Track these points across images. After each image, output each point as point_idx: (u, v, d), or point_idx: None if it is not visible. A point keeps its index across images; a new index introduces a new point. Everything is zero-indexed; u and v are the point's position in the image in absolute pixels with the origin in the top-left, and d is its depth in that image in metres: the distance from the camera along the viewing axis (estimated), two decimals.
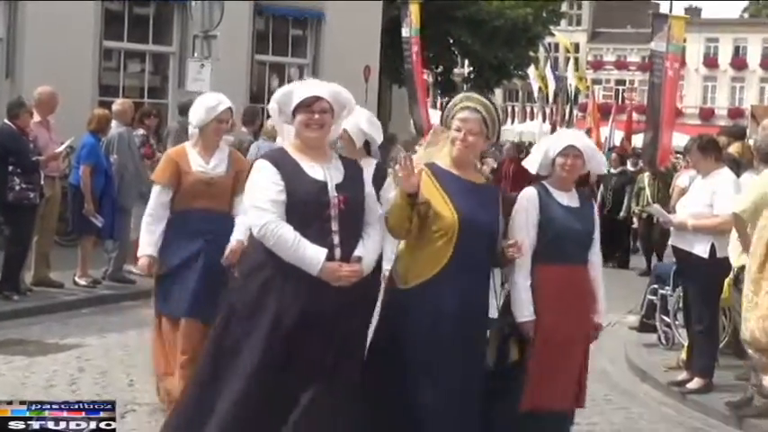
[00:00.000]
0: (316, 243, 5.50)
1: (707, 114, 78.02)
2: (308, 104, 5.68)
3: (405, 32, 22.92)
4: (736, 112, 73.06)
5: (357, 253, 5.64)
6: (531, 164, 6.53)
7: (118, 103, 13.94)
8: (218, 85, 16.82)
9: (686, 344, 10.24)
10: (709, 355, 9.62)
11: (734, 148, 10.82)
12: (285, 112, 5.76)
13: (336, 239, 5.59)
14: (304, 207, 5.55)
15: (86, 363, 9.62)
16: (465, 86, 39.29)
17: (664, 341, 11.45)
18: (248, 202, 5.70)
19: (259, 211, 5.54)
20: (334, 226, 5.59)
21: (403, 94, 33.01)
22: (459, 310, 5.84)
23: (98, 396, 8.43)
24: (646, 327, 11.77)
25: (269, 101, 5.89)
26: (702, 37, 78.85)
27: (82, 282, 12.95)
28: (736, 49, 79.67)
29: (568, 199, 6.45)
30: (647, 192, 18.16)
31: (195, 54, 17.11)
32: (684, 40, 19.62)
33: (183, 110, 14.77)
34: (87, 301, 12.50)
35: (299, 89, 5.77)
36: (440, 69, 33.76)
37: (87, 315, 11.97)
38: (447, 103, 6.40)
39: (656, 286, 11.56)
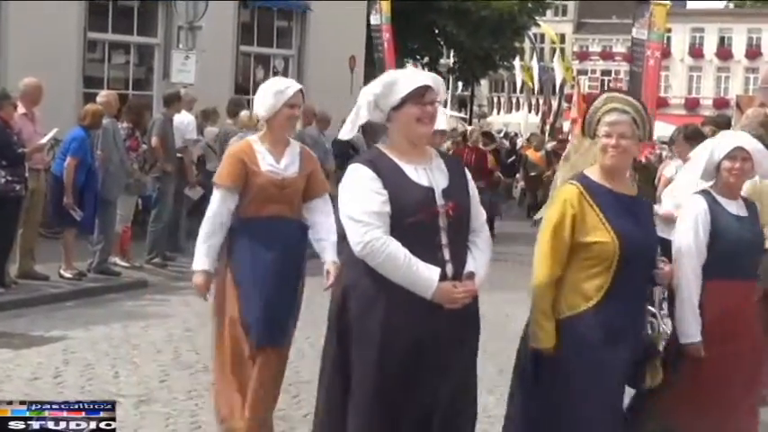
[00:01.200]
0: (424, 260, 4.84)
1: (692, 104, 78.23)
2: (420, 95, 4.99)
3: (374, 20, 22.54)
4: (721, 102, 73.21)
5: (469, 268, 5.02)
6: (694, 170, 5.99)
7: (103, 96, 13.90)
8: (204, 77, 16.89)
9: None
10: None
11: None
12: (383, 105, 5.02)
13: (447, 254, 4.94)
14: (410, 218, 4.87)
15: (72, 355, 9.59)
16: (450, 77, 39.43)
17: (650, 331, 11.42)
18: (346, 213, 4.94)
19: (361, 225, 4.85)
20: (444, 239, 4.94)
21: None
22: (613, 346, 5.27)
23: (83, 389, 8.44)
24: None
25: (254, 92, 5.70)
26: (688, 27, 79.09)
27: (67, 274, 12.91)
28: (722, 39, 79.96)
29: (737, 207, 5.93)
30: None
31: (180, 45, 17.09)
32: (669, 30, 19.68)
33: (168, 101, 14.77)
34: (72, 294, 12.47)
35: (404, 78, 5.05)
36: (425, 60, 33.75)
37: (72, 308, 11.94)
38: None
39: None
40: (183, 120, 15.16)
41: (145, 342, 10.26)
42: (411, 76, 5.05)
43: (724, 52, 79.00)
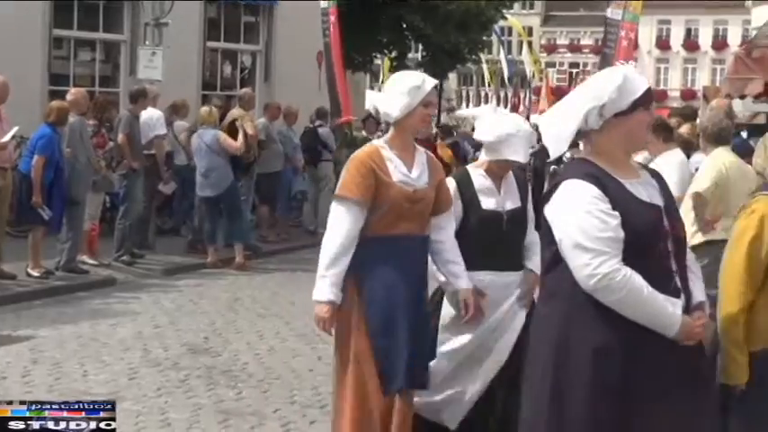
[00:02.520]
0: (659, 290, 4.16)
1: (660, 96, 78.47)
2: (650, 98, 4.36)
3: (323, 4, 21.44)
4: (688, 94, 73.65)
5: (697, 297, 4.37)
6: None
7: (72, 93, 13.80)
8: (170, 73, 16.85)
9: None
10: None
11: (685, 129, 10.91)
12: (608, 111, 4.29)
13: (678, 282, 4.29)
14: (640, 242, 4.19)
15: (40, 354, 9.54)
16: (419, 71, 39.47)
17: None
18: (571, 239, 4.17)
19: (594, 254, 4.11)
20: (673, 264, 4.29)
21: (358, 79, 33.07)
22: None
23: (51, 387, 8.40)
24: None
25: (221, 88, 5.53)
26: (654, 19, 79.44)
27: (35, 273, 12.83)
28: (689, 30, 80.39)
29: None
30: None
31: (146, 42, 17.04)
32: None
33: (135, 98, 14.72)
34: (40, 293, 12.38)
35: (632, 77, 4.33)
36: (394, 54, 33.72)
37: (40, 306, 11.87)
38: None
39: None
40: (152, 115, 15.08)
41: (113, 340, 10.22)
42: (636, 76, 4.35)
43: (691, 44, 79.52)
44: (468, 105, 71.85)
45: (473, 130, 21.47)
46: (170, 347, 9.97)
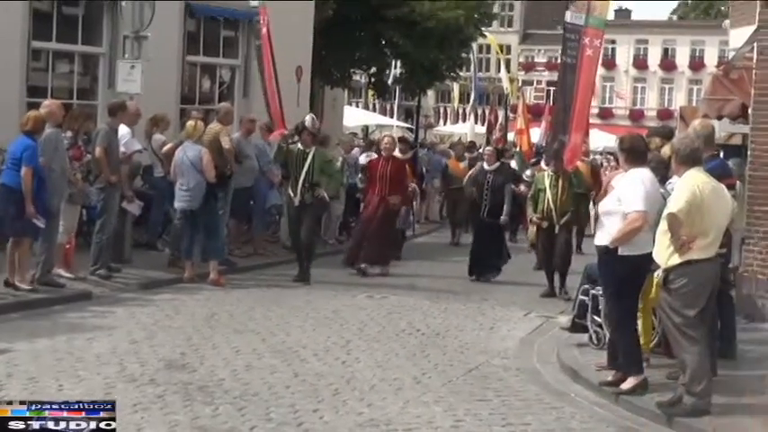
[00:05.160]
0: None
1: (637, 115, 78.92)
2: None
3: (254, 2, 19.71)
4: (665, 114, 73.86)
5: None
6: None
7: (46, 105, 13.76)
8: (149, 87, 16.75)
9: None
10: (626, 353, 9.72)
11: (667, 149, 10.93)
12: None
13: None
14: None
15: (15, 368, 9.48)
16: (397, 88, 39.49)
17: (595, 341, 11.52)
18: None
19: None
20: None
21: (336, 94, 33.05)
22: None
23: None
24: (577, 327, 11.84)
25: (200, 102, 5.55)
26: (632, 38, 79.80)
27: (24, 286, 12.78)
28: (666, 50, 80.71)
29: None
30: (548, 194, 15.77)
31: (125, 55, 16.94)
32: (606, 24, 16.04)
33: (113, 111, 14.68)
34: (15, 306, 12.32)
35: None
36: (372, 71, 33.75)
37: (16, 320, 11.82)
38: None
39: (587, 286, 11.62)
40: (121, 132, 15.00)
41: (89, 354, 10.17)
42: None
43: (668, 64, 79.77)
44: (445, 122, 71.97)
45: (451, 147, 21.35)
46: (146, 363, 9.94)
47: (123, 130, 15.13)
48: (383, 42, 31.13)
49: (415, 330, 12.54)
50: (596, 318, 11.49)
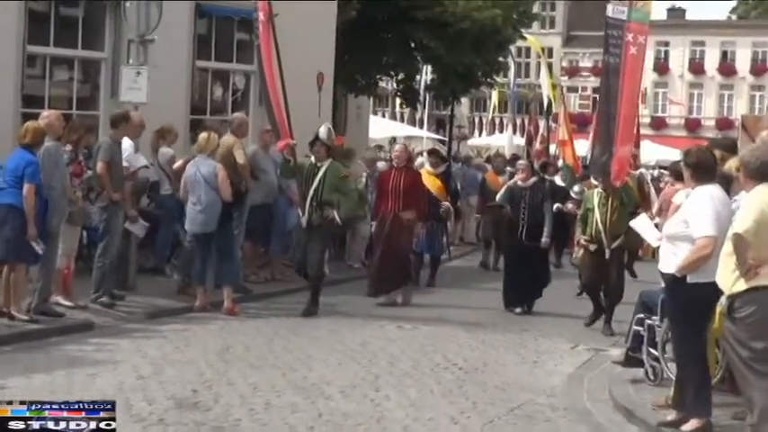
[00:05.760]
0: None
1: (693, 125, 78.67)
2: None
3: None
4: (724, 123, 73.67)
5: None
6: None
7: (44, 116, 13.83)
8: (156, 96, 16.81)
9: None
10: (693, 392, 9.64)
11: (733, 163, 10.85)
12: None
13: None
14: None
15: None
16: (427, 95, 39.53)
17: (651, 376, 11.45)
18: None
19: None
20: None
21: (360, 103, 33.08)
22: None
23: None
24: (631, 361, 11.78)
25: (212, 112, 5.54)
26: (687, 40, 79.57)
27: (22, 316, 12.82)
28: (724, 53, 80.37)
29: None
30: (597, 214, 15.56)
31: (130, 60, 17.01)
32: (647, 15, 15.40)
33: (116, 122, 14.73)
34: (10, 338, 12.36)
35: None
36: (400, 77, 33.79)
37: (10, 352, 11.85)
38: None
39: (642, 316, 11.56)
40: (124, 145, 15.04)
41: (91, 392, 10.15)
42: None
43: (727, 68, 79.48)
44: (480, 133, 72.02)
45: (488, 160, 21.18)
46: (154, 401, 9.93)
47: (127, 143, 15.18)
48: (412, 45, 31.17)
49: (451, 365, 12.53)
50: (652, 350, 11.42)
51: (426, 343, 13.81)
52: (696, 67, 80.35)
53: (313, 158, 15.89)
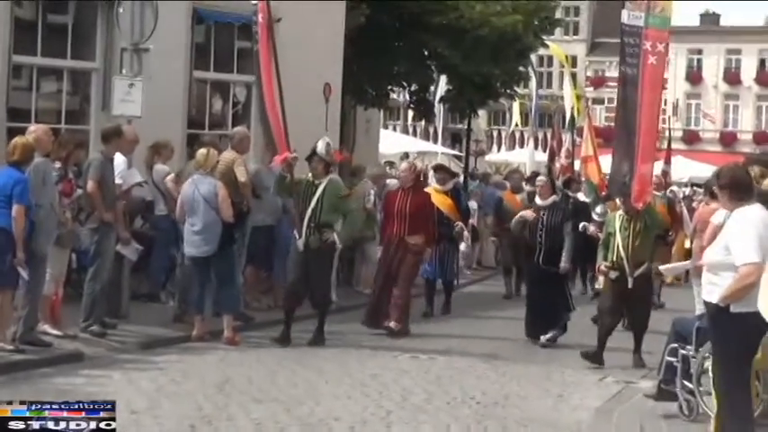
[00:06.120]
0: None
1: (728, 139, 78.64)
2: None
3: None
4: (762, 137, 73.68)
5: None
6: None
7: (32, 131, 13.85)
8: (151, 108, 16.82)
9: (714, 414, 10.26)
10: (736, 426, 9.59)
11: None
12: None
13: None
14: None
15: None
16: (442, 108, 39.54)
17: (686, 411, 11.42)
18: None
19: None
20: None
21: (370, 116, 33.08)
22: None
23: None
24: (664, 394, 11.75)
25: (210, 126, 5.55)
26: (722, 48, 79.56)
27: (4, 345, 12.83)
28: (762, 61, 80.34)
29: None
30: (618, 239, 15.27)
31: (123, 71, 17.02)
32: (669, 21, 15.25)
33: (108, 137, 14.73)
34: None
35: None
36: (414, 87, 33.80)
37: None
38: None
39: (675, 345, 11.54)
40: (116, 161, 15.05)
41: None
42: None
43: (765, 77, 79.45)
44: (499, 149, 72.10)
45: (506, 177, 21.05)
46: None
47: (119, 159, 15.20)
48: (426, 54, 31.19)
49: (469, 398, 12.49)
50: (687, 383, 11.39)
51: (442, 375, 13.80)
52: (732, 76, 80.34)
53: (310, 175, 15.71)
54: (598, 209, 19.95)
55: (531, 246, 17.11)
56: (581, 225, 18.10)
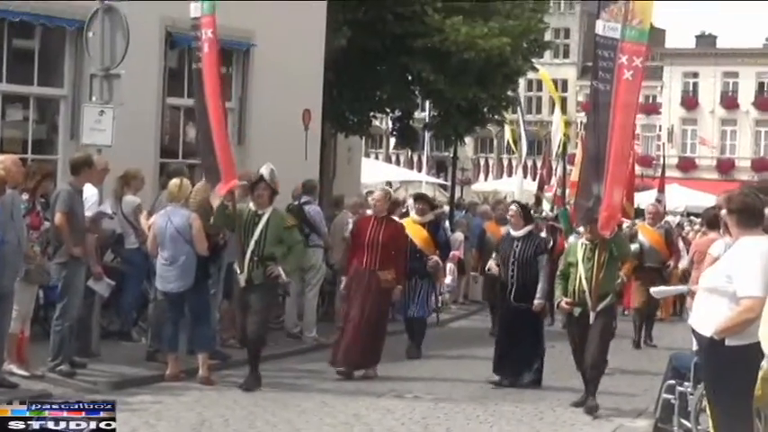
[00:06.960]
0: None
1: (725, 166, 78.91)
2: None
3: (194, 11, 16.05)
4: (760, 164, 73.89)
5: None
6: None
7: (0, 161, 13.80)
8: (122, 137, 16.83)
9: None
10: None
11: None
12: None
13: None
14: None
15: None
16: (427, 134, 39.63)
17: None
18: None
19: None
20: None
21: (351, 143, 33.15)
22: None
23: None
24: None
25: (184, 155, 5.53)
26: (719, 71, 79.83)
27: None
28: (760, 85, 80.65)
29: None
30: (581, 269, 14.68)
31: (93, 98, 17.02)
32: (651, 27, 14.69)
33: (77, 168, 14.71)
34: None
35: None
36: (397, 114, 33.85)
37: None
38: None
39: (672, 382, 11.58)
40: (86, 193, 15.02)
41: None
42: None
43: (763, 102, 79.75)
44: (486, 177, 72.25)
45: (493, 209, 20.75)
46: None
47: (90, 191, 15.18)
48: (410, 78, 31.24)
49: None
50: (684, 421, 11.43)
51: (429, 414, 13.80)
52: (729, 101, 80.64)
53: (252, 205, 15.29)
54: (572, 238, 19.86)
55: (504, 281, 16.68)
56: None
